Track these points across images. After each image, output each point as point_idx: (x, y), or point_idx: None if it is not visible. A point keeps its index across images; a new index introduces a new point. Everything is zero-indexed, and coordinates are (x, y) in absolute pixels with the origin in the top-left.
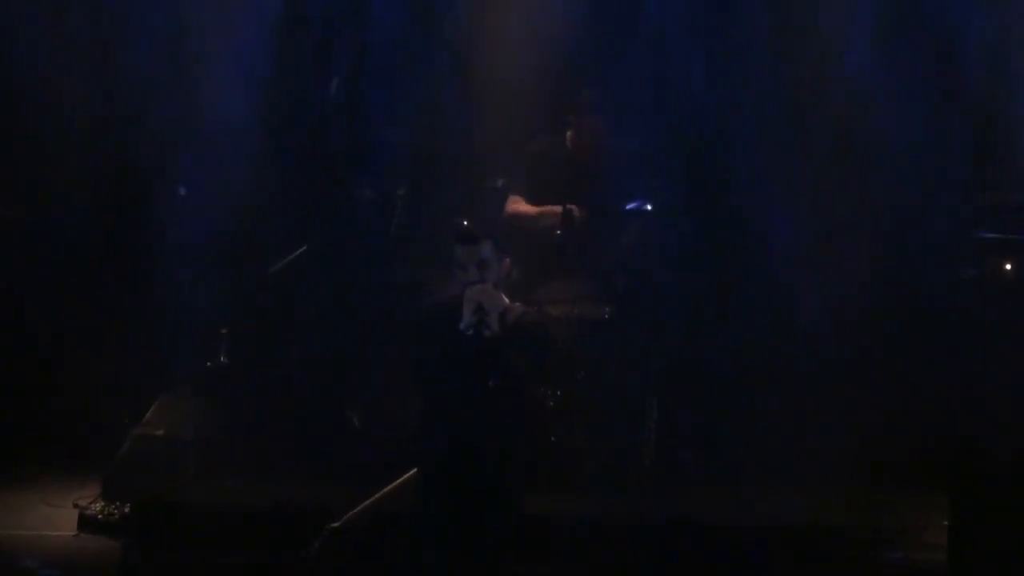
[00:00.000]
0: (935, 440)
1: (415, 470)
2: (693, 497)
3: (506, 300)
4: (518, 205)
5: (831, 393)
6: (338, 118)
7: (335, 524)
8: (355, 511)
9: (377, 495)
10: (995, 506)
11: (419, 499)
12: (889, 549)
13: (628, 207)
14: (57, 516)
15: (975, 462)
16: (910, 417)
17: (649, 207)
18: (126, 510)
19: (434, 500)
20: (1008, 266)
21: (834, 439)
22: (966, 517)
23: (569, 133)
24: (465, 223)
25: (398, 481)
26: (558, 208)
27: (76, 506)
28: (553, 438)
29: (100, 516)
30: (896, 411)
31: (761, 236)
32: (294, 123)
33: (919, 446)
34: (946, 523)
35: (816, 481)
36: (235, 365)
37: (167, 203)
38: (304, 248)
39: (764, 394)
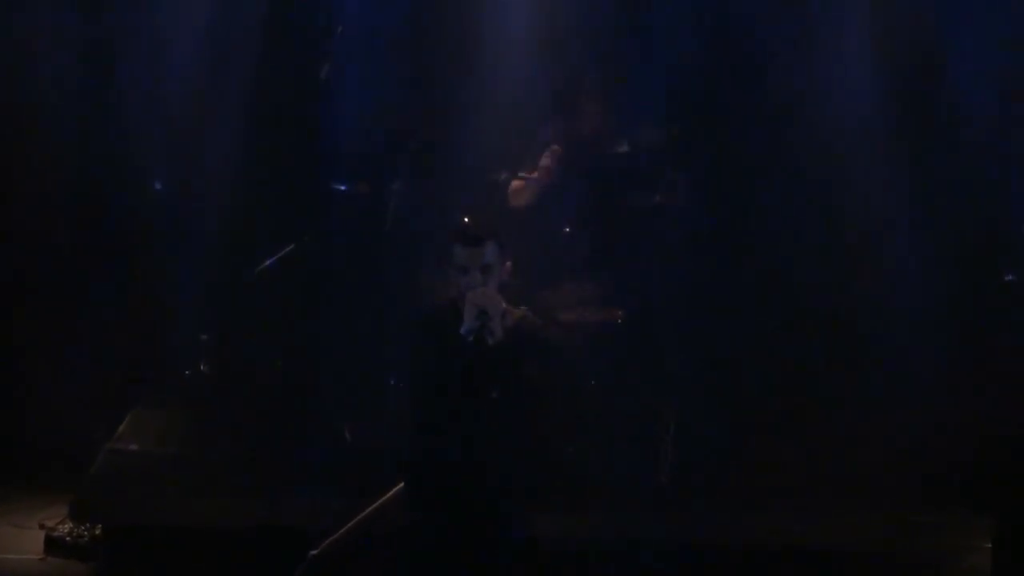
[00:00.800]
0: (979, 459)
1: (400, 485)
2: (716, 519)
3: (504, 303)
4: (516, 183)
5: (870, 408)
6: (328, 105)
7: (314, 552)
8: (335, 535)
9: (358, 517)
10: None
11: (411, 519)
12: (930, 573)
13: (645, 202)
14: (22, 538)
15: (1020, 482)
16: (952, 435)
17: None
18: (96, 532)
19: (430, 521)
20: None
21: (873, 457)
22: (1010, 540)
23: (583, 119)
24: (466, 220)
25: (382, 500)
26: (545, 162)
27: (43, 527)
28: (562, 455)
29: (68, 539)
30: (938, 428)
31: (795, 233)
32: (280, 111)
33: (962, 465)
34: (990, 546)
35: (853, 502)
36: (217, 374)
37: (142, 199)
38: (291, 247)
39: (796, 408)
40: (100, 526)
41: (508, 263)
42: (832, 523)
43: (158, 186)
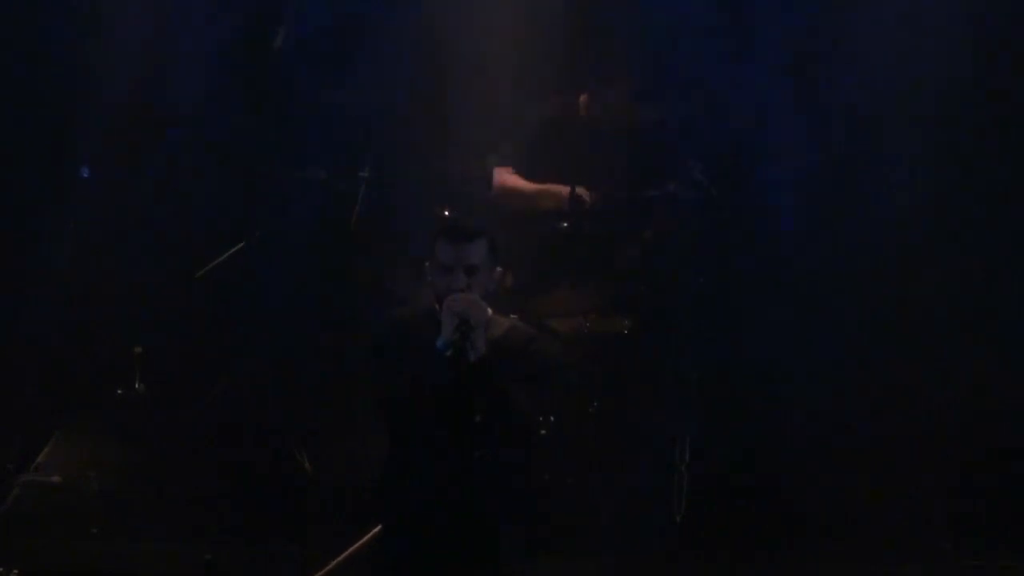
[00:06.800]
0: None
1: (377, 529)
2: (739, 565)
3: (489, 311)
4: (512, 179)
5: (919, 433)
6: (284, 78)
7: None
8: None
9: (330, 564)
10: None
11: (383, 566)
12: None
13: (655, 193)
14: None
15: None
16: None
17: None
18: None
19: (403, 567)
20: None
21: (923, 493)
22: None
23: (583, 98)
24: (446, 212)
25: (357, 544)
26: (564, 189)
27: None
28: (558, 489)
29: None
30: (1005, 458)
31: (829, 232)
32: (228, 87)
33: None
34: None
35: (900, 546)
36: (153, 393)
37: (67, 187)
38: (241, 244)
39: (832, 434)
40: (16, 572)
41: (499, 268)
42: (877, 571)
43: (85, 172)
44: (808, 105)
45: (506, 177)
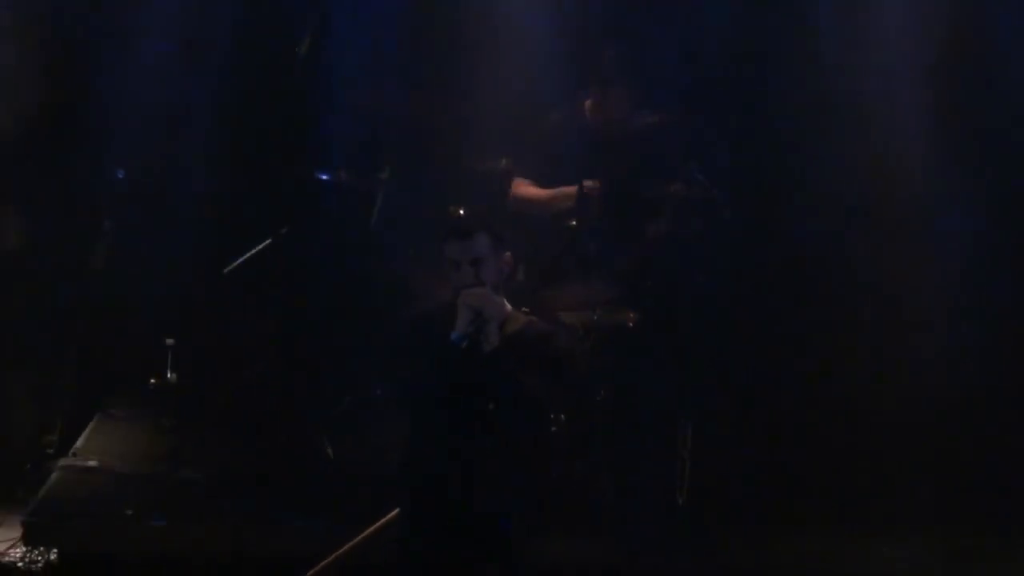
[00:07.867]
0: None
1: (396, 511)
2: (739, 544)
3: (508, 306)
4: (526, 188)
5: (913, 419)
6: (308, 85)
7: None
8: (322, 564)
9: (349, 544)
10: None
11: (402, 547)
12: None
13: (659, 194)
14: None
15: None
16: (1005, 448)
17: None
18: (52, 558)
19: (421, 548)
20: None
21: (917, 476)
22: None
23: (588, 103)
24: (458, 211)
25: (375, 525)
26: (574, 189)
27: None
28: (566, 473)
29: (20, 565)
30: (989, 442)
31: (828, 228)
32: (254, 92)
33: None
34: None
35: (892, 525)
36: (184, 382)
37: (102, 188)
38: (267, 243)
39: (828, 420)
40: (55, 552)
41: (507, 254)
42: (868, 549)
43: (120, 174)
44: (810, 104)
45: (520, 188)
